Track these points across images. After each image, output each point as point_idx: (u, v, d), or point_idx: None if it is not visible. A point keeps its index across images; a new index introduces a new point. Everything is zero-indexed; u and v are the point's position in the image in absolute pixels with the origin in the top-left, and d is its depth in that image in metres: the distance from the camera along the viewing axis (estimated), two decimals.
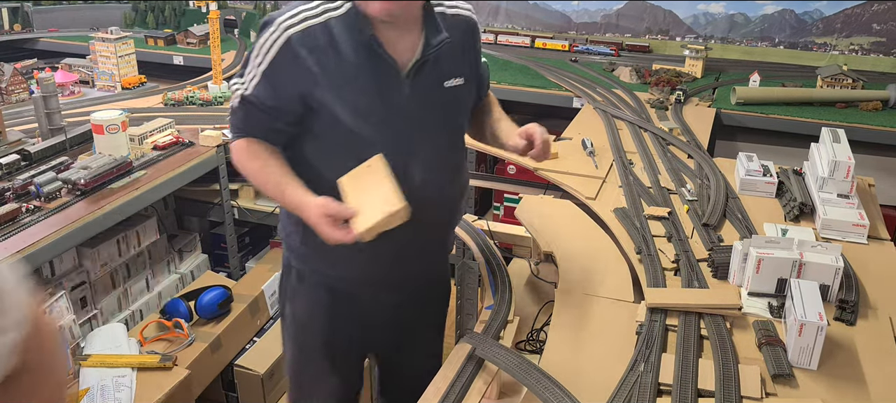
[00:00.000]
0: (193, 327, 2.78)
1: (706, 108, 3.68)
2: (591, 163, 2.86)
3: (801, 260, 1.87)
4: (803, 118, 3.56)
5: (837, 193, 2.39)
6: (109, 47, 4.01)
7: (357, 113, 1.59)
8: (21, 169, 2.74)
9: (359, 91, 1.58)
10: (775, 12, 4.53)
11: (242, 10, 5.26)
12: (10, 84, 3.76)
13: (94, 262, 2.78)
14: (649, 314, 1.80)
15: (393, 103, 1.61)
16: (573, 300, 1.94)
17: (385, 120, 1.61)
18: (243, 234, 3.81)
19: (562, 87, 3.94)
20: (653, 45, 4.79)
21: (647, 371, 1.60)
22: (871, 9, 4.30)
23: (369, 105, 1.59)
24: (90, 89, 4.14)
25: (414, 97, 1.63)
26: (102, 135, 2.81)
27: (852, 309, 1.85)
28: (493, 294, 2.06)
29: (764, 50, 4.60)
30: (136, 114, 3.42)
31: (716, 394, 1.54)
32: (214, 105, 3.76)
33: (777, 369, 1.61)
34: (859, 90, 3.82)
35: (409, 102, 1.62)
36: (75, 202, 2.54)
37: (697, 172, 2.74)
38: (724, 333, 1.74)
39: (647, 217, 2.33)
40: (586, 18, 4.93)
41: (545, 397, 1.47)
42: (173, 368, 2.49)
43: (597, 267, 2.11)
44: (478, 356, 1.71)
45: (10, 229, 2.33)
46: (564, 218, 2.44)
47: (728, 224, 2.34)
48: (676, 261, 2.07)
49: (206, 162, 3.06)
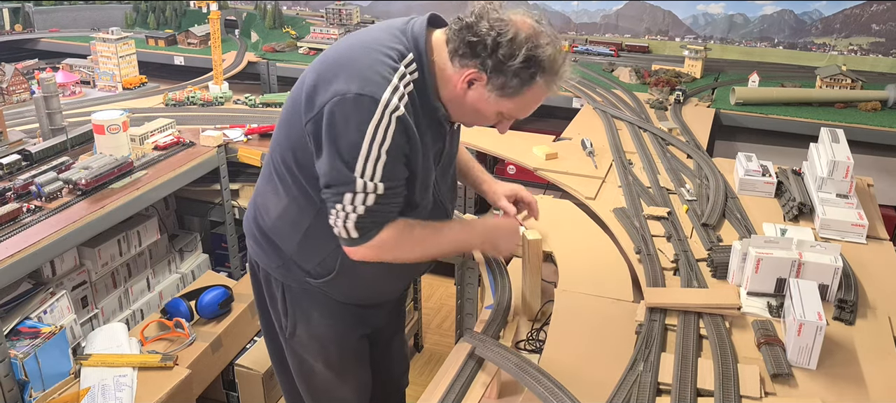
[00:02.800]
0: (194, 327, 2.78)
1: (705, 109, 3.68)
2: (591, 163, 2.87)
3: (800, 259, 1.88)
4: (802, 118, 3.56)
5: (836, 193, 2.40)
6: (110, 47, 4.01)
7: (428, 161, 1.68)
8: (22, 169, 2.75)
9: (430, 144, 1.67)
10: (774, 13, 4.53)
11: (243, 10, 5.26)
12: (12, 84, 3.77)
13: (95, 262, 2.78)
14: (649, 313, 1.81)
15: (446, 150, 1.77)
16: (573, 300, 1.95)
17: (443, 165, 1.78)
18: (243, 234, 3.81)
19: (561, 87, 3.94)
20: (652, 46, 4.79)
21: (646, 370, 1.61)
22: (870, 9, 4.30)
23: (437, 153, 1.73)
24: (91, 89, 4.14)
25: (452, 139, 1.78)
26: (103, 135, 2.81)
27: (851, 308, 1.86)
28: (493, 294, 2.06)
29: (763, 50, 4.60)
30: (137, 115, 3.42)
31: (715, 394, 1.54)
32: (215, 105, 3.76)
33: (776, 368, 1.62)
34: (858, 90, 3.82)
35: (451, 145, 1.78)
36: (76, 202, 2.54)
37: (697, 172, 2.74)
38: (724, 333, 1.74)
39: (646, 217, 2.34)
40: (586, 19, 4.93)
41: (545, 397, 1.47)
42: (174, 368, 2.50)
43: (596, 267, 2.11)
44: (478, 356, 1.71)
45: (11, 229, 2.33)
46: (564, 218, 2.45)
47: (727, 224, 2.35)
48: (676, 261, 2.08)
49: (207, 162, 3.07)
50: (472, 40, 1.49)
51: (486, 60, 1.50)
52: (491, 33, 1.48)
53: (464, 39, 1.50)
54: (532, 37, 1.49)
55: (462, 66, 1.53)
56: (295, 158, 1.67)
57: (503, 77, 1.51)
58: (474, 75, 1.53)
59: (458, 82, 1.55)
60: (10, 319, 2.39)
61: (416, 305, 3.67)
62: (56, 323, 2.47)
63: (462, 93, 1.57)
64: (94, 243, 2.75)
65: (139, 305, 3.04)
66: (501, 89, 1.53)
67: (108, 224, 2.59)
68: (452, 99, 1.60)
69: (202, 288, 2.92)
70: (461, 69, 1.54)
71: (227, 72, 4.17)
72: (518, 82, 1.52)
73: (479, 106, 1.59)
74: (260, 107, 3.75)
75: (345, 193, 1.54)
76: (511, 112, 1.63)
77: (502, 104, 1.58)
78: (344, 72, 1.52)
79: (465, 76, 1.54)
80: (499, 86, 1.53)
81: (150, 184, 2.75)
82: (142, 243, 3.01)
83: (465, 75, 1.54)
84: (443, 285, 4.35)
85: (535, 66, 1.50)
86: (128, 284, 3.00)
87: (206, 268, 3.44)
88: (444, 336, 3.92)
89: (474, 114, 1.62)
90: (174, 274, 3.29)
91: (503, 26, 1.48)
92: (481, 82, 1.54)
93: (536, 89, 1.56)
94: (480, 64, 1.50)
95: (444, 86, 1.59)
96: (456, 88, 1.57)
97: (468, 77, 1.53)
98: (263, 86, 4.52)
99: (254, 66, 4.52)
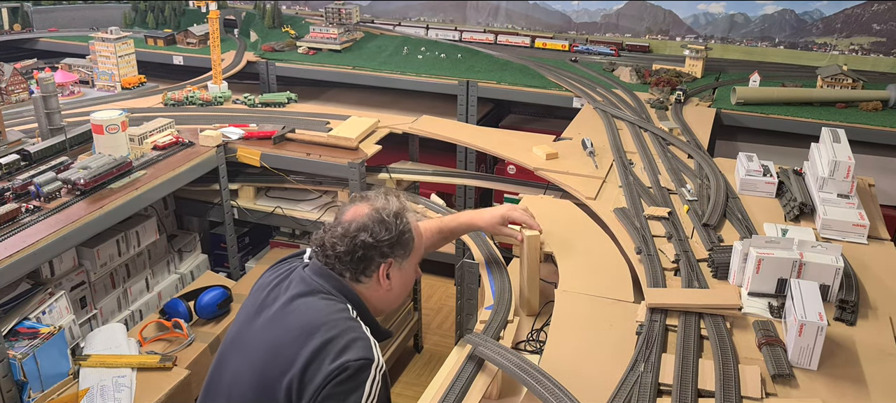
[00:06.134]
0: (193, 327, 2.78)
1: (706, 108, 3.67)
2: (591, 163, 2.86)
3: (801, 260, 1.87)
4: (803, 118, 3.56)
5: (837, 193, 2.39)
6: (109, 47, 4.00)
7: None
8: (21, 169, 2.74)
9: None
10: (775, 12, 4.52)
11: (242, 9, 5.26)
12: (10, 84, 3.76)
13: (94, 262, 2.78)
14: (649, 314, 1.80)
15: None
16: (573, 300, 1.94)
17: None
18: (243, 234, 3.81)
19: (562, 87, 3.94)
20: (653, 45, 4.78)
21: (647, 371, 1.60)
22: (871, 9, 4.30)
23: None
24: (90, 89, 4.13)
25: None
26: (102, 135, 2.81)
27: (852, 309, 1.85)
28: (492, 294, 2.06)
29: (764, 50, 4.60)
30: (136, 114, 3.41)
31: (716, 394, 1.53)
32: (214, 105, 3.75)
33: (777, 369, 1.61)
34: (859, 90, 3.81)
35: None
36: (75, 202, 2.54)
37: (697, 172, 2.74)
38: (724, 333, 1.73)
39: (647, 217, 2.33)
40: (586, 18, 4.93)
41: (545, 397, 1.47)
42: (173, 368, 2.50)
43: (597, 268, 2.11)
44: (478, 356, 1.71)
45: (10, 229, 2.32)
46: (564, 218, 2.44)
47: (728, 224, 2.34)
48: (676, 261, 2.07)
49: (206, 162, 3.06)
50: (364, 254, 1.65)
51: (383, 249, 1.67)
52: (368, 235, 1.65)
53: (357, 258, 1.66)
54: (384, 205, 1.71)
55: (373, 272, 1.69)
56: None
57: (401, 248, 1.71)
58: (388, 265, 1.70)
59: (382, 281, 1.70)
60: (9, 320, 2.38)
61: (416, 305, 3.67)
62: (55, 324, 2.46)
63: (388, 286, 1.72)
64: (93, 243, 2.74)
65: (138, 305, 3.04)
66: (405, 254, 1.73)
67: (107, 224, 2.58)
68: (384, 298, 1.74)
69: (201, 288, 2.92)
70: (375, 273, 1.69)
71: (227, 71, 4.16)
72: (408, 237, 1.72)
73: (405, 280, 1.77)
74: (259, 106, 3.74)
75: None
76: (419, 256, 1.82)
77: (413, 260, 1.78)
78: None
79: (382, 273, 1.69)
80: (403, 256, 1.73)
81: (149, 184, 2.75)
82: (141, 243, 3.00)
83: (382, 273, 1.69)
84: (443, 285, 4.34)
85: (402, 218, 1.71)
86: (127, 284, 2.99)
87: (205, 269, 3.43)
88: (444, 336, 3.92)
89: (405, 286, 1.79)
90: (173, 275, 3.28)
91: (367, 223, 1.66)
92: (393, 264, 1.71)
93: (413, 228, 1.74)
94: (381, 255, 1.68)
95: (374, 299, 1.73)
96: (382, 288, 1.71)
97: (385, 271, 1.70)
98: (262, 85, 4.51)
99: (253, 65, 4.51)
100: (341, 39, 4.66)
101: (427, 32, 5.11)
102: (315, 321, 1.59)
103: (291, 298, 1.65)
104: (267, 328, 1.65)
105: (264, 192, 3.41)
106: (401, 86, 4.26)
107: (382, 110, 3.96)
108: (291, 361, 1.54)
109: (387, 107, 4.35)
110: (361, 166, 3.06)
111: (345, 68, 4.36)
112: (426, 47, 4.69)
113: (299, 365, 1.53)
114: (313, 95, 4.64)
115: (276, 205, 3.28)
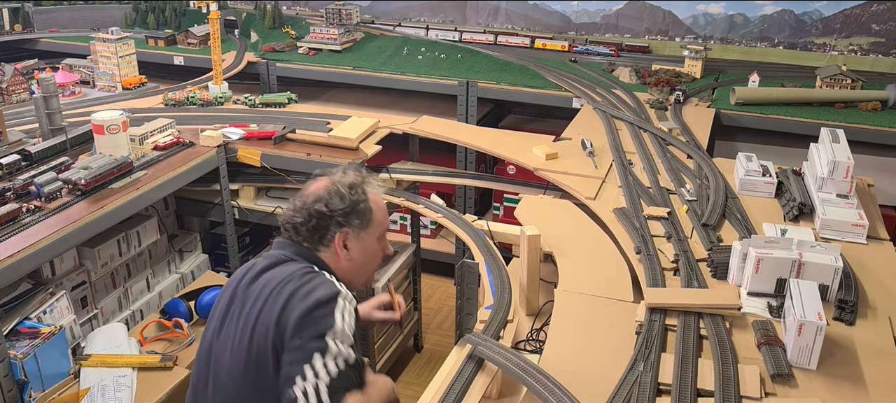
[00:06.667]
0: (194, 327, 2.78)
1: (705, 109, 3.68)
2: (591, 163, 2.87)
3: (801, 260, 1.88)
4: (802, 118, 3.56)
5: (837, 193, 2.40)
6: (110, 47, 4.01)
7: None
8: (22, 169, 2.75)
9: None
10: (775, 13, 4.53)
11: (243, 10, 5.26)
12: (11, 84, 3.77)
13: (95, 262, 2.78)
14: (649, 314, 1.81)
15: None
16: (573, 300, 1.95)
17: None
18: (244, 234, 3.81)
19: (561, 88, 3.94)
20: (652, 46, 4.79)
21: (646, 370, 1.61)
22: (870, 9, 4.30)
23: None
24: (91, 89, 4.14)
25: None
26: (103, 135, 2.81)
27: (851, 308, 1.86)
28: (492, 294, 2.06)
29: (763, 50, 4.60)
30: (137, 115, 3.42)
31: (715, 394, 1.54)
32: (215, 105, 3.76)
33: (776, 369, 1.62)
34: (858, 90, 3.82)
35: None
36: (76, 202, 2.54)
37: (697, 172, 2.74)
38: (724, 333, 1.74)
39: (646, 217, 2.34)
40: (586, 19, 4.93)
41: (545, 397, 1.47)
42: (174, 368, 2.50)
43: (596, 268, 2.11)
44: (478, 355, 1.71)
45: (11, 229, 2.33)
46: (564, 218, 2.45)
47: (727, 224, 2.35)
48: (676, 261, 2.08)
49: (207, 162, 3.07)
50: (318, 222, 1.69)
51: (338, 218, 1.69)
52: (322, 205, 1.68)
53: (312, 227, 1.69)
54: (341, 178, 1.73)
55: (330, 241, 1.71)
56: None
57: (356, 217, 1.71)
58: (344, 235, 1.71)
59: (340, 251, 1.71)
60: (10, 319, 2.38)
61: (416, 305, 3.67)
62: (55, 324, 2.46)
63: (347, 256, 1.73)
64: (94, 243, 2.75)
65: (139, 305, 3.04)
66: (362, 225, 1.73)
67: (108, 224, 2.59)
68: (347, 268, 1.74)
69: (202, 288, 2.92)
70: (332, 243, 1.71)
71: (227, 72, 4.17)
72: (364, 207, 1.73)
73: (367, 251, 1.76)
74: (260, 107, 3.74)
75: (322, 352, 1.56)
76: (383, 230, 1.80)
77: (374, 232, 1.76)
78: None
79: (339, 242, 1.71)
80: (360, 225, 1.73)
81: (150, 184, 2.75)
82: (141, 243, 3.01)
83: (338, 242, 1.71)
84: (443, 285, 4.35)
85: (357, 189, 1.73)
86: (127, 284, 2.99)
87: (205, 268, 3.44)
88: (444, 336, 3.92)
89: (370, 258, 1.78)
90: (174, 275, 3.28)
91: (321, 194, 1.70)
92: (350, 234, 1.72)
93: (371, 199, 1.75)
94: (336, 224, 1.70)
95: (337, 270, 1.73)
96: (341, 258, 1.72)
97: (342, 240, 1.71)
98: (263, 86, 4.52)
99: (253, 65, 4.52)
100: (342, 40, 4.67)
101: (427, 33, 5.11)
102: (282, 280, 1.64)
103: (258, 273, 1.69)
104: (241, 307, 1.68)
105: (265, 192, 3.42)
106: (401, 86, 4.27)
107: (383, 110, 3.97)
108: (267, 323, 1.59)
109: (387, 107, 4.35)
110: (362, 166, 3.06)
111: (345, 69, 4.37)
112: (426, 48, 4.70)
113: (274, 318, 1.58)
114: (314, 96, 4.65)
115: (277, 205, 3.29)
